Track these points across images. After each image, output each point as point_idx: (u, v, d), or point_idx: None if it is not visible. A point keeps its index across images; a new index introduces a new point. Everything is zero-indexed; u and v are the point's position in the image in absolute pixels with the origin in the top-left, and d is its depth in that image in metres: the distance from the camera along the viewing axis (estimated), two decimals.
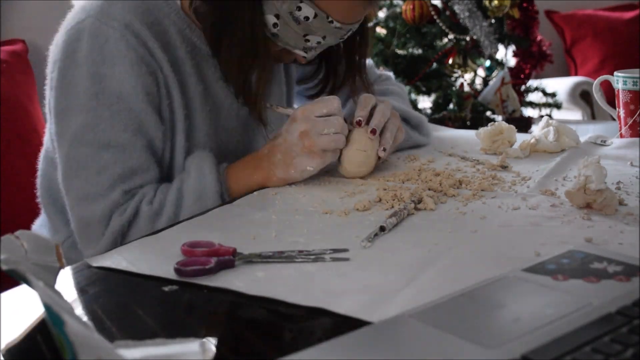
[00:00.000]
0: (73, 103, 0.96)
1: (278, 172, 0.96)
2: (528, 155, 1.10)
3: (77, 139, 0.96)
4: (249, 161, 1.00)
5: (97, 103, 0.95)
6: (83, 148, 0.96)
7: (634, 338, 0.47)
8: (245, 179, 0.98)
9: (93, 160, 0.95)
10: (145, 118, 0.97)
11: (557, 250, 0.65)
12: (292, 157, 0.95)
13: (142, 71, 0.97)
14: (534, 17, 2.37)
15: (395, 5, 2.25)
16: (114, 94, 0.95)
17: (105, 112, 0.95)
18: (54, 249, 0.61)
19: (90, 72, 0.95)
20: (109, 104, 0.95)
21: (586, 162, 0.82)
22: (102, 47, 0.95)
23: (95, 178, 0.95)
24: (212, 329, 0.60)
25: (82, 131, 0.95)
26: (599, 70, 3.15)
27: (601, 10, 3.39)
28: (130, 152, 0.96)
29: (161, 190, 0.96)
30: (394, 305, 0.59)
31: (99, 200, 0.95)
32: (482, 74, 2.48)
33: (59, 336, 0.47)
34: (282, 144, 0.96)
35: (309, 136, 0.94)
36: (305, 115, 0.95)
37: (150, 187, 0.97)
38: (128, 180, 0.96)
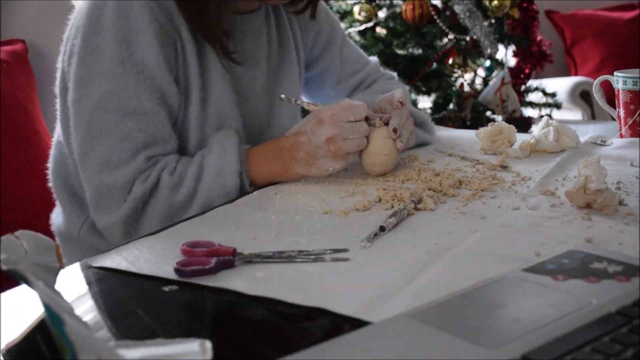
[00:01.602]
0: (98, 69, 0.96)
1: (298, 167, 0.97)
2: (528, 155, 1.10)
3: (101, 105, 0.96)
4: (270, 149, 1.00)
5: (123, 70, 0.95)
6: (107, 114, 0.95)
7: (634, 338, 0.47)
8: (264, 167, 0.98)
9: (117, 127, 0.95)
10: (167, 88, 0.99)
11: (557, 250, 0.65)
12: (316, 158, 0.96)
13: (164, 41, 0.98)
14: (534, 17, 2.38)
15: (395, 5, 2.25)
16: (140, 62, 0.96)
17: (131, 79, 0.96)
18: (54, 249, 0.61)
19: (117, 39, 0.95)
20: (135, 72, 0.96)
21: (586, 162, 0.82)
22: (128, 14, 0.96)
23: (119, 145, 0.95)
24: (212, 329, 0.60)
25: (106, 97, 0.95)
26: (599, 70, 3.15)
27: (601, 10, 3.39)
28: (154, 121, 0.97)
29: (182, 163, 0.97)
30: (394, 305, 0.59)
31: (122, 167, 0.95)
32: (482, 74, 2.48)
33: (59, 336, 0.47)
34: (307, 144, 0.96)
35: (335, 142, 0.94)
36: (334, 121, 0.95)
37: (172, 157, 0.98)
38: (150, 148, 0.97)
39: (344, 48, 1.30)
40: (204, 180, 0.95)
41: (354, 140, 0.96)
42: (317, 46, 1.27)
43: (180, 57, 1.01)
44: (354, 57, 1.31)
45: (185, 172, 0.95)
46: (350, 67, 1.29)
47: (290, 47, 1.20)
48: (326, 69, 1.29)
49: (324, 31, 1.26)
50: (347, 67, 1.29)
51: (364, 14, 2.22)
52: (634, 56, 3.06)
